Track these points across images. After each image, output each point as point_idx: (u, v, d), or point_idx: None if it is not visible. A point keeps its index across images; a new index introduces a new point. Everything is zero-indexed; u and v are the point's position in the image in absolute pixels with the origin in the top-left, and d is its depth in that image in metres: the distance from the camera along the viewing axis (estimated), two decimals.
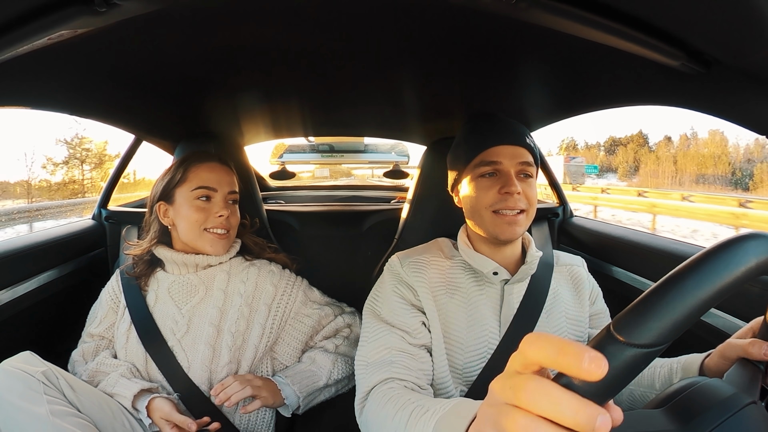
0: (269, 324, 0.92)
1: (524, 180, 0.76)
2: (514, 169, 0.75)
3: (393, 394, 0.60)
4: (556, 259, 0.87)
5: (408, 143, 2.62)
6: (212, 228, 0.90)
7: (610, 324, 0.30)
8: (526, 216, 0.75)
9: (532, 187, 0.77)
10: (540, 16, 0.52)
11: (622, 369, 0.28)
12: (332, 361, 0.93)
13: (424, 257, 0.81)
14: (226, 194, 0.92)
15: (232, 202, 0.94)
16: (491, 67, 0.84)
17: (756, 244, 0.31)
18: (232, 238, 0.95)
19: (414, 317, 0.75)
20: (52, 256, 1.14)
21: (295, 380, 0.88)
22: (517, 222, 0.74)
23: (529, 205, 0.75)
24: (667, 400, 0.40)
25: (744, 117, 0.61)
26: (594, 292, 0.85)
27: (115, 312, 0.95)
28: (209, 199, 0.91)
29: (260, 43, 0.74)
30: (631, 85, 0.78)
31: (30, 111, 0.92)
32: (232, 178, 0.96)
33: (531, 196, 0.76)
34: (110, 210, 1.37)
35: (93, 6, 0.48)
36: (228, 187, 0.93)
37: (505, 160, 0.75)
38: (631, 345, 0.28)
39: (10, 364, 0.71)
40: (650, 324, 0.29)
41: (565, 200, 1.43)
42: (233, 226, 0.94)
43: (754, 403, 0.37)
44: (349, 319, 1.01)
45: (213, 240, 0.90)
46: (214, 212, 0.90)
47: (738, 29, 0.46)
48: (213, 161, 0.94)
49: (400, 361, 0.68)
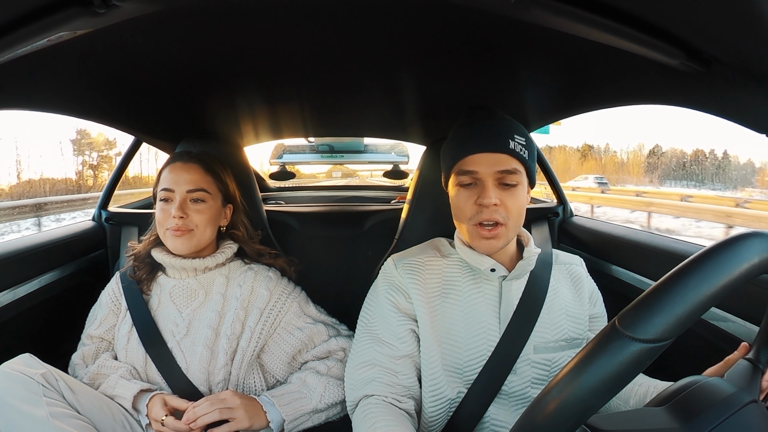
0: (258, 328, 0.90)
1: (505, 189, 0.71)
2: (492, 179, 0.71)
3: (368, 412, 0.69)
4: (555, 257, 0.86)
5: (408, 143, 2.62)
6: (169, 228, 0.89)
7: (616, 319, 0.31)
8: (506, 228, 0.72)
9: (514, 197, 0.72)
10: (539, 15, 0.52)
11: (627, 364, 0.28)
12: (324, 385, 0.88)
13: (419, 258, 0.81)
14: (184, 194, 0.89)
15: (193, 201, 0.90)
16: (490, 67, 0.84)
17: (759, 242, 0.32)
18: (200, 236, 0.91)
19: (402, 325, 0.76)
20: (52, 257, 1.14)
21: (282, 401, 0.84)
22: (495, 236, 0.71)
23: (509, 217, 0.71)
24: (668, 398, 0.40)
25: (743, 116, 0.61)
26: (594, 294, 0.85)
27: (115, 314, 0.95)
28: (168, 201, 0.90)
29: (259, 43, 0.74)
30: (630, 85, 0.78)
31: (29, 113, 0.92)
32: (197, 175, 0.92)
33: (511, 207, 0.71)
34: (110, 211, 1.37)
35: (92, 7, 0.48)
36: (187, 185, 0.90)
37: (482, 168, 0.71)
38: (636, 340, 0.29)
39: (9, 366, 0.71)
40: (655, 319, 0.29)
41: (565, 200, 1.43)
42: (197, 224, 0.90)
43: (755, 401, 0.37)
44: (344, 342, 0.95)
45: (171, 238, 0.89)
46: (171, 213, 0.88)
47: (737, 28, 0.46)
48: (177, 161, 0.92)
49: (380, 378, 0.74)
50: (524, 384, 0.75)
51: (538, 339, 0.75)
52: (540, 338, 0.75)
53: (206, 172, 0.93)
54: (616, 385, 0.28)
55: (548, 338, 0.76)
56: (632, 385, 0.73)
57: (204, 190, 0.91)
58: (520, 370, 0.74)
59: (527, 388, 0.75)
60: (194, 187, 0.90)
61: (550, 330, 0.76)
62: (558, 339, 0.77)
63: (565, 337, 0.77)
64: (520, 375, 0.74)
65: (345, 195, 2.37)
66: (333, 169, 6.20)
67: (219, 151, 1.10)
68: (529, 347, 0.75)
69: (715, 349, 0.62)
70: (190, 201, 0.90)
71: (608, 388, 0.27)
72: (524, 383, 0.75)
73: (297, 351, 0.93)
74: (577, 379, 0.29)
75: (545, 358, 0.75)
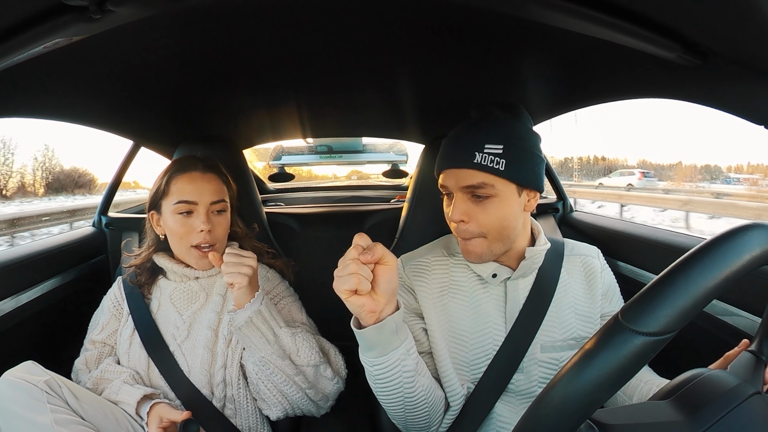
0: None
1: (478, 202, 0.69)
2: (461, 193, 0.69)
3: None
4: (570, 248, 0.83)
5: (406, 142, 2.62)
6: (197, 244, 0.87)
7: (618, 313, 0.31)
8: (488, 240, 0.70)
9: (486, 211, 0.68)
10: (535, 11, 0.52)
11: (631, 357, 0.28)
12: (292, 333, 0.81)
13: (426, 259, 0.81)
14: (208, 205, 0.87)
15: (217, 212, 0.89)
16: (487, 64, 0.84)
17: (760, 233, 0.32)
18: (221, 250, 0.90)
19: (415, 324, 0.76)
20: (53, 264, 1.14)
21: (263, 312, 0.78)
22: (476, 245, 0.70)
23: (487, 231, 0.69)
24: (672, 391, 0.40)
25: (741, 108, 0.61)
26: (611, 290, 0.81)
27: (117, 319, 0.95)
28: (190, 213, 0.87)
29: (256, 45, 0.74)
30: (628, 79, 0.78)
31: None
32: (217, 185, 0.90)
33: (483, 221, 0.69)
34: (110, 217, 1.37)
35: (87, 13, 0.48)
36: (210, 197, 0.87)
37: (450, 183, 0.70)
38: (639, 333, 0.29)
39: (12, 374, 0.71)
40: (658, 312, 0.29)
41: (564, 195, 1.43)
42: (219, 238, 0.89)
43: (759, 393, 0.37)
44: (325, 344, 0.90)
45: (198, 257, 0.88)
46: (196, 227, 0.86)
47: (733, 20, 0.46)
48: (194, 171, 0.89)
49: None
50: (531, 383, 0.74)
51: (545, 338, 0.75)
52: (547, 337, 0.75)
53: (222, 181, 0.92)
54: (620, 379, 0.28)
55: (556, 337, 0.75)
56: (637, 381, 0.73)
57: (224, 200, 0.91)
58: (527, 368, 0.74)
59: (534, 387, 0.75)
60: (217, 198, 0.89)
61: (558, 329, 0.75)
62: (566, 338, 0.76)
63: (573, 336, 0.76)
64: (527, 374, 0.74)
65: (344, 195, 2.37)
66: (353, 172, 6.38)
67: (218, 154, 1.10)
68: (536, 346, 0.74)
69: (719, 342, 0.62)
70: (213, 213, 0.89)
71: (612, 382, 0.28)
72: (531, 382, 0.74)
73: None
74: (581, 373, 0.29)
75: (552, 357, 0.75)
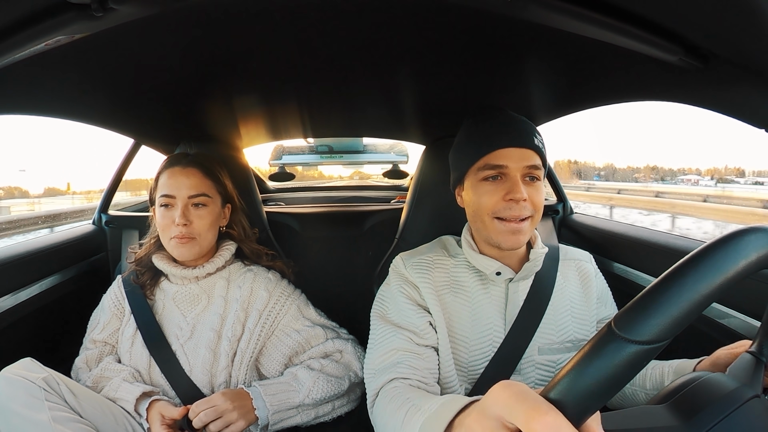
0: (257, 330, 0.90)
1: (531, 184, 0.71)
2: (521, 173, 0.70)
3: (395, 393, 0.61)
4: (564, 253, 0.85)
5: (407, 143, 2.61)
6: (175, 236, 0.88)
7: (611, 321, 0.30)
8: (531, 222, 0.72)
9: (539, 192, 0.72)
10: (536, 13, 0.52)
11: (624, 366, 0.28)
12: (313, 379, 0.87)
13: (428, 257, 0.81)
14: (186, 199, 0.88)
15: (195, 206, 0.90)
16: (489, 65, 0.84)
17: (756, 238, 0.31)
18: (202, 242, 0.91)
19: (421, 317, 0.74)
20: (53, 261, 1.14)
21: (269, 391, 0.83)
22: (521, 230, 0.70)
23: (535, 211, 0.72)
24: (670, 395, 0.40)
25: (742, 111, 0.61)
26: (603, 295, 0.83)
27: (119, 318, 0.95)
28: (169, 207, 0.89)
29: (257, 44, 0.74)
30: (629, 82, 0.78)
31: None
32: (197, 180, 0.91)
33: (537, 202, 0.71)
34: (110, 214, 1.37)
35: (90, 11, 0.48)
36: (188, 191, 0.89)
37: (512, 163, 0.70)
38: (632, 342, 0.28)
39: (10, 371, 0.71)
40: (651, 320, 0.29)
41: (565, 197, 1.43)
42: (199, 231, 0.89)
43: (758, 396, 0.37)
44: (341, 344, 0.95)
45: (176, 246, 0.89)
46: (174, 220, 0.88)
47: (735, 23, 0.45)
48: (176, 166, 0.91)
49: (406, 361, 0.68)
50: (528, 385, 0.74)
51: (542, 340, 0.75)
52: (544, 339, 0.75)
53: (205, 175, 0.93)
54: (613, 388, 0.28)
55: (553, 339, 0.75)
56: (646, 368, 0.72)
57: (205, 194, 0.91)
58: (524, 371, 0.74)
59: None
60: (195, 192, 0.90)
61: (554, 331, 0.76)
62: (563, 340, 0.76)
63: (570, 338, 0.76)
64: (524, 376, 0.74)
65: (345, 195, 2.37)
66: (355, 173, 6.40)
67: (218, 153, 1.10)
68: (533, 348, 0.74)
69: (715, 344, 0.62)
70: (192, 206, 0.90)
71: (605, 391, 0.27)
72: (528, 384, 0.74)
73: (294, 353, 0.93)
74: (574, 381, 0.29)
75: (549, 360, 0.75)
